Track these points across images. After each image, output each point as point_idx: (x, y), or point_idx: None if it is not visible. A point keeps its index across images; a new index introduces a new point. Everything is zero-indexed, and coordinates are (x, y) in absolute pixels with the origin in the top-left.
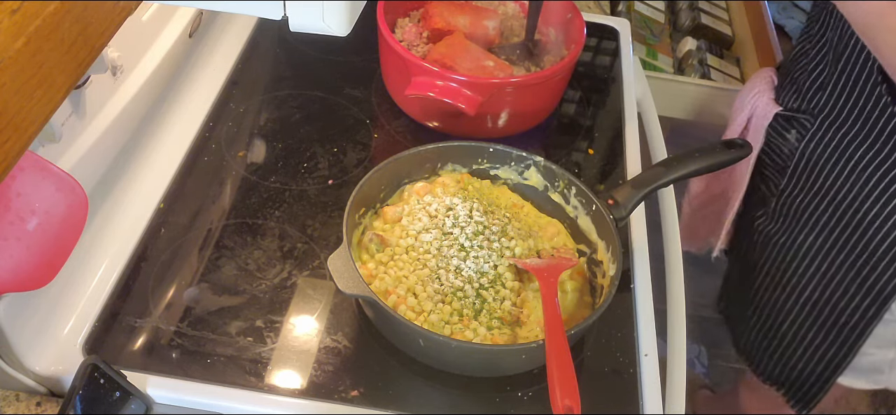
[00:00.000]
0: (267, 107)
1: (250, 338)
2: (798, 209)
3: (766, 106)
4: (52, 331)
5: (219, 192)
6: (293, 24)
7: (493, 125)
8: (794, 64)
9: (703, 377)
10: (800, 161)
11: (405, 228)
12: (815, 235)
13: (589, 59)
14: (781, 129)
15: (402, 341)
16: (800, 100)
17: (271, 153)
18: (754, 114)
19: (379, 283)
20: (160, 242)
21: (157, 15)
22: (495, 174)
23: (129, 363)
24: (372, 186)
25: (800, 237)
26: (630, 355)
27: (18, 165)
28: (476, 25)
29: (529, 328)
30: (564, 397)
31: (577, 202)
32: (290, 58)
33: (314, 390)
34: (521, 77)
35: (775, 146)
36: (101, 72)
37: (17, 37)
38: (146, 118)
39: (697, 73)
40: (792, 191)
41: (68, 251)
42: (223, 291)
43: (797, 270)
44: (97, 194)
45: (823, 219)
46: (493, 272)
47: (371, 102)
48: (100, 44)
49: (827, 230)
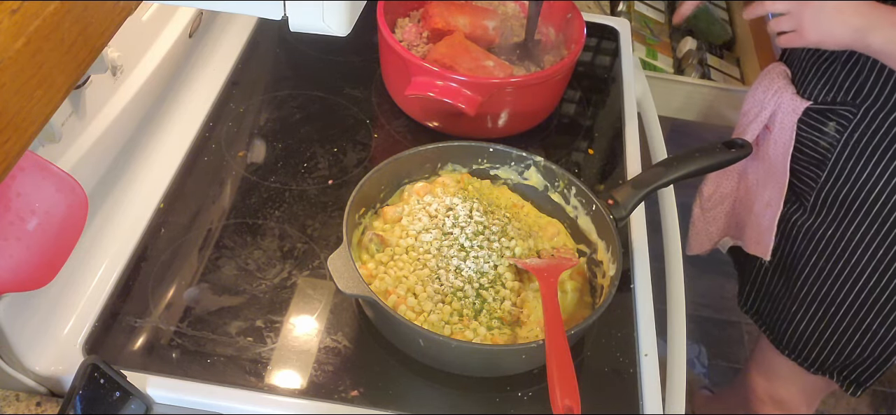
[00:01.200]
0: (267, 107)
1: (250, 338)
2: (845, 201)
3: (791, 100)
4: (52, 331)
5: (219, 192)
6: (293, 24)
7: (493, 125)
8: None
9: (703, 377)
10: (842, 152)
11: (405, 228)
12: (867, 225)
13: (589, 59)
14: (816, 123)
15: (402, 341)
16: (835, 91)
17: (271, 153)
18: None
19: (379, 283)
20: (160, 242)
21: (157, 15)
22: (495, 174)
23: (129, 363)
24: (372, 186)
25: (850, 229)
26: (630, 355)
27: (18, 165)
28: (476, 25)
29: (529, 328)
30: (564, 397)
31: (577, 202)
32: (290, 58)
33: (314, 390)
34: (521, 77)
35: (809, 140)
36: (101, 72)
37: (17, 37)
38: (146, 118)
39: (697, 73)
40: (835, 183)
41: (68, 251)
42: (223, 291)
43: (849, 260)
44: (97, 194)
45: (875, 207)
46: (493, 272)
47: (371, 102)
48: (100, 44)
49: (880, 219)
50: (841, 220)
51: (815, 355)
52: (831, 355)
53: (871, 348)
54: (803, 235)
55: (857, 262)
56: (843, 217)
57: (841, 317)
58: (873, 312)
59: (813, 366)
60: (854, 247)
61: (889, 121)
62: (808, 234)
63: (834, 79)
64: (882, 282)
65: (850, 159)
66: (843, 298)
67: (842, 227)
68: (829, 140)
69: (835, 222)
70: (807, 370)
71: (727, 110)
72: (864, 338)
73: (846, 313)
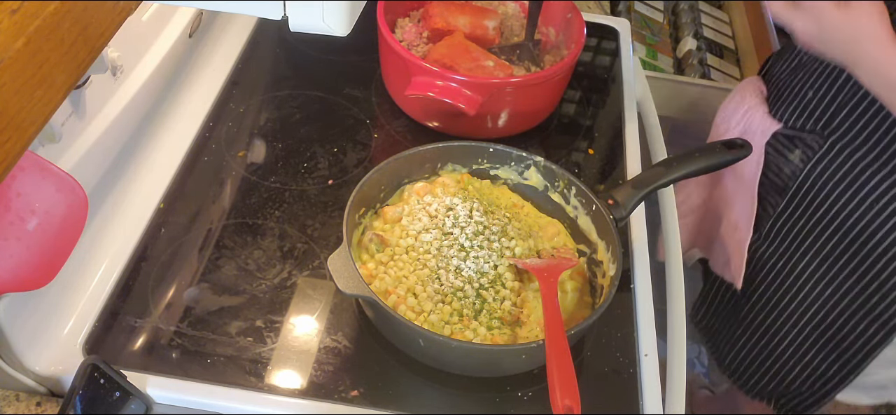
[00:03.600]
0: (267, 107)
1: (250, 338)
2: (799, 233)
3: (762, 122)
4: (52, 331)
5: (219, 192)
6: (293, 24)
7: (493, 125)
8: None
9: (703, 377)
10: (804, 183)
11: (405, 228)
12: (820, 261)
13: (589, 59)
14: (783, 148)
15: (402, 341)
16: (805, 118)
17: (271, 153)
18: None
19: (379, 283)
20: (160, 242)
21: (157, 15)
22: (495, 174)
23: (129, 363)
24: (372, 186)
25: (801, 263)
26: (630, 355)
27: (18, 165)
28: (476, 25)
29: (529, 328)
30: (564, 397)
31: (577, 202)
32: (290, 58)
33: (314, 390)
34: (521, 77)
35: (774, 166)
36: (101, 72)
37: (17, 37)
38: (146, 118)
39: (697, 73)
40: (792, 214)
41: (68, 251)
42: (223, 291)
43: (797, 295)
44: (97, 194)
45: (829, 244)
46: (493, 272)
47: (371, 102)
48: (100, 44)
49: (832, 256)
50: (793, 252)
51: (754, 381)
52: (771, 383)
53: (811, 383)
54: (755, 261)
55: (805, 298)
56: (795, 250)
57: (783, 349)
58: (815, 347)
59: (751, 391)
60: (803, 282)
61: (853, 159)
62: (760, 261)
63: (806, 104)
64: (828, 320)
65: (810, 192)
66: (787, 331)
67: (793, 259)
68: (792, 169)
69: (787, 254)
70: (746, 394)
71: None
72: (805, 372)
73: (789, 347)
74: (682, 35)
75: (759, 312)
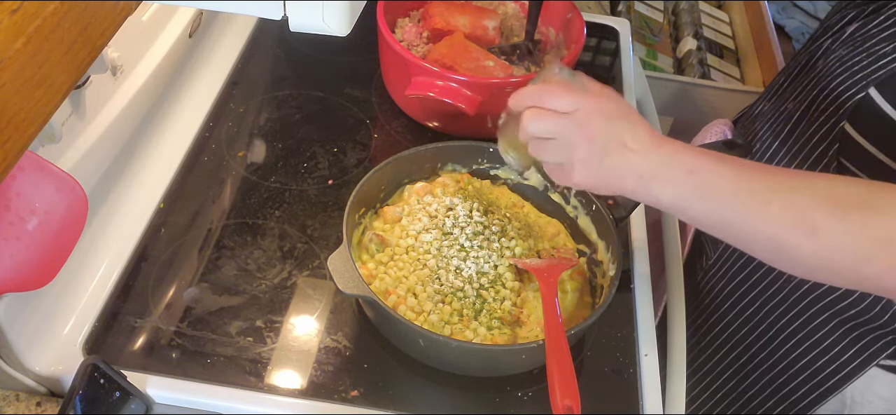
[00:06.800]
0: (267, 107)
1: (250, 338)
2: (725, 275)
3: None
4: (52, 331)
5: (219, 192)
6: (293, 24)
7: (493, 125)
8: (753, 123)
9: None
10: (726, 248)
11: (405, 228)
12: (742, 308)
13: (589, 59)
14: None
15: (402, 341)
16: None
17: (271, 153)
18: None
19: (379, 283)
20: (160, 242)
21: (157, 15)
22: (495, 174)
23: (129, 363)
24: (372, 186)
25: (729, 301)
26: (630, 355)
27: (18, 165)
28: (476, 25)
29: (529, 328)
30: (564, 397)
31: (577, 202)
32: (290, 58)
33: (314, 390)
34: (521, 77)
35: None
36: (101, 72)
37: (17, 37)
38: (146, 118)
39: (697, 73)
40: (718, 271)
41: (68, 251)
42: (223, 291)
43: (727, 326)
44: (97, 194)
45: (745, 301)
46: (493, 272)
47: (371, 102)
48: (100, 44)
49: (753, 306)
50: (725, 284)
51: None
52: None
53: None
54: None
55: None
56: (725, 286)
57: (707, 371)
58: (739, 376)
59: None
60: (725, 325)
61: None
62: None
63: (757, 151)
64: (752, 350)
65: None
66: (712, 353)
67: (724, 292)
68: None
69: (720, 283)
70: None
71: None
72: (727, 399)
73: (713, 368)
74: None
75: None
